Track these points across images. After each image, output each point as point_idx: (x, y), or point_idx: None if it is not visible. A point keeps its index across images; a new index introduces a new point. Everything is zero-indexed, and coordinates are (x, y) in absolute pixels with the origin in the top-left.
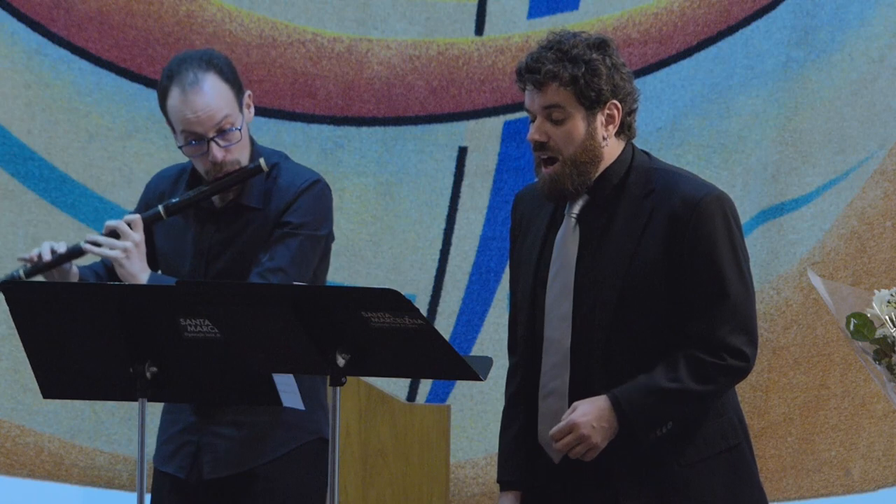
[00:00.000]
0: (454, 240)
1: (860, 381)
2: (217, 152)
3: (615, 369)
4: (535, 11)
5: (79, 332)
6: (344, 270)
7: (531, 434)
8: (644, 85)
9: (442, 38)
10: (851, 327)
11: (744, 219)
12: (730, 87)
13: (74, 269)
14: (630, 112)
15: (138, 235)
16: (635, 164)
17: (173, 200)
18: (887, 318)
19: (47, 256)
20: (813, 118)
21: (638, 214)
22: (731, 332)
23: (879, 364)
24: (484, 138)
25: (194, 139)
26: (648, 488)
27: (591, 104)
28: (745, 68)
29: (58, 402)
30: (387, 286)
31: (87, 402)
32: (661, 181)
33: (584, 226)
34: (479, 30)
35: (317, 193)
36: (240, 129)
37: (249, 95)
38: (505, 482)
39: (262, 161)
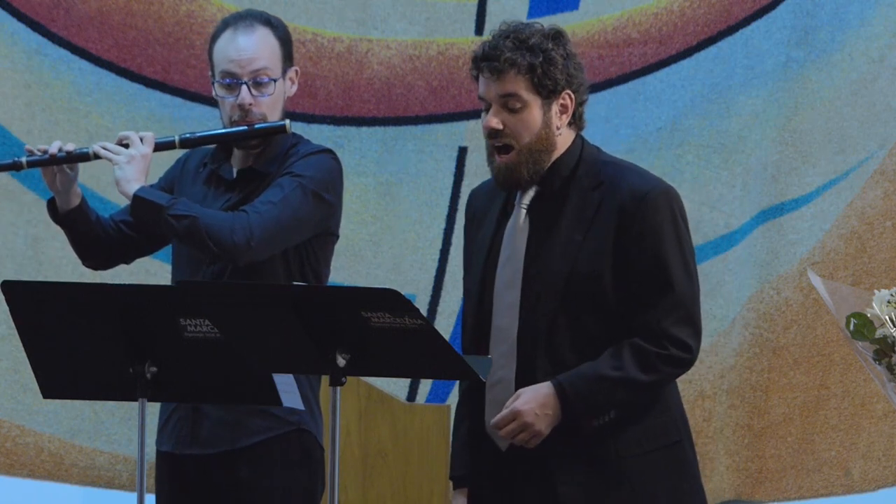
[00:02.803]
0: (454, 240)
1: (860, 381)
2: (246, 96)
3: (558, 358)
4: (535, 11)
5: (79, 332)
6: (344, 270)
7: (479, 423)
8: (644, 85)
9: (442, 38)
10: (851, 327)
11: (744, 219)
12: (730, 87)
13: (78, 190)
14: (581, 103)
15: (146, 149)
16: (584, 156)
17: (191, 134)
18: (887, 318)
19: (53, 150)
20: (813, 118)
21: (586, 206)
22: (674, 323)
23: (879, 364)
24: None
25: (230, 78)
26: (586, 476)
27: (548, 93)
28: (745, 68)
29: (58, 402)
30: (387, 286)
31: (87, 402)
32: (609, 174)
33: (533, 216)
34: (479, 30)
35: (324, 158)
36: (275, 82)
37: (296, 72)
38: (457, 478)
39: (287, 122)
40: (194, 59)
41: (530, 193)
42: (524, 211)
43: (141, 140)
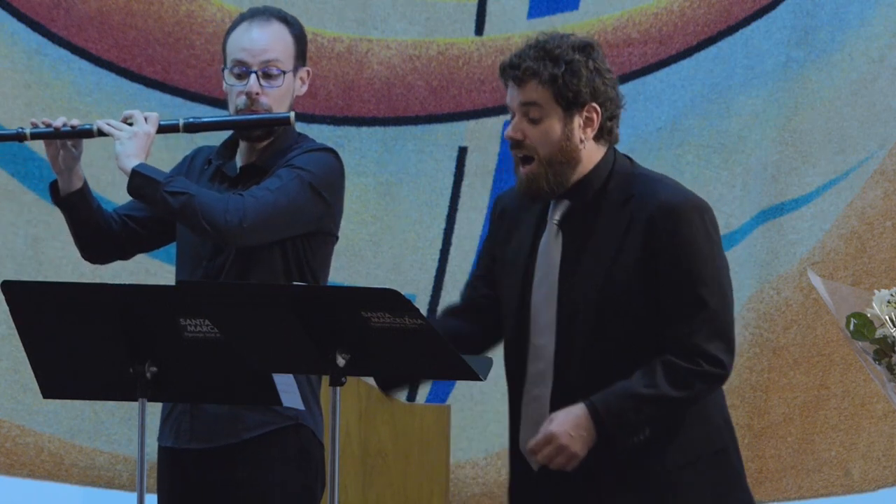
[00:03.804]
0: (454, 240)
1: (860, 381)
2: (254, 85)
3: (596, 375)
4: (535, 11)
5: (79, 332)
6: (344, 270)
7: (514, 439)
8: (644, 85)
9: (442, 38)
10: (851, 327)
11: (744, 219)
12: (730, 87)
13: (81, 173)
14: (611, 117)
15: (149, 128)
16: (616, 170)
17: (195, 119)
18: (887, 318)
19: (58, 125)
20: (813, 118)
21: (618, 220)
22: (707, 338)
23: (879, 364)
24: (484, 138)
25: (241, 66)
26: (633, 491)
27: (569, 105)
28: (745, 68)
29: (58, 402)
30: (387, 286)
31: (87, 402)
32: (640, 187)
33: (566, 232)
34: (479, 30)
35: (325, 156)
36: (284, 75)
37: (308, 72)
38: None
39: (292, 115)
40: (194, 59)
41: (562, 208)
42: (556, 227)
43: (145, 119)
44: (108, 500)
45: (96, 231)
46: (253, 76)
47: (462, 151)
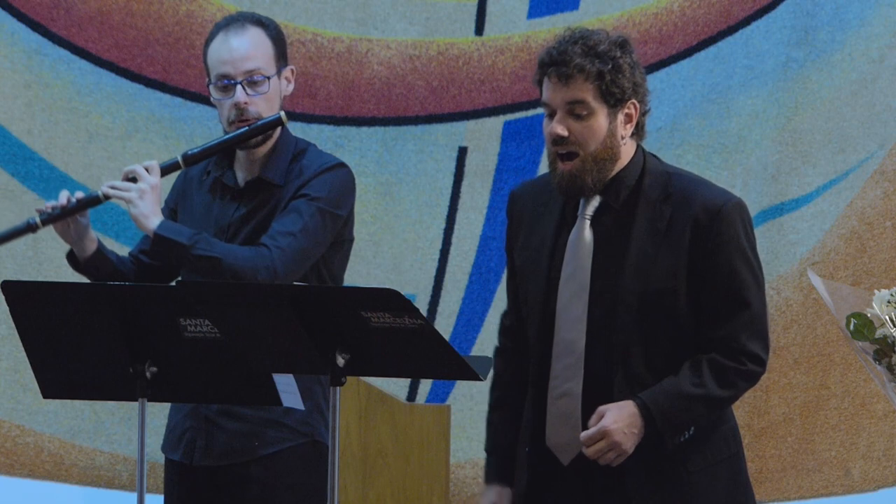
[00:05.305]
0: (454, 240)
1: (860, 381)
2: (241, 95)
3: (632, 373)
4: (535, 11)
5: (79, 332)
6: None
7: (540, 437)
8: None
9: (442, 38)
10: (851, 327)
11: None
12: (730, 87)
13: (93, 234)
14: (644, 113)
15: (154, 179)
16: (648, 167)
17: (192, 150)
18: (887, 318)
19: (63, 202)
20: (813, 118)
21: (657, 219)
22: (750, 337)
23: (879, 364)
24: (484, 138)
25: (225, 79)
26: (659, 492)
27: (615, 102)
28: (745, 68)
29: (58, 402)
30: (387, 286)
31: (87, 402)
32: (677, 186)
33: (598, 227)
34: (479, 30)
35: (340, 174)
36: (269, 80)
37: (292, 71)
38: (493, 474)
39: (282, 114)
40: (194, 59)
41: (594, 204)
42: (588, 222)
43: (147, 170)
44: (108, 500)
45: (119, 281)
46: (238, 87)
47: (462, 151)
